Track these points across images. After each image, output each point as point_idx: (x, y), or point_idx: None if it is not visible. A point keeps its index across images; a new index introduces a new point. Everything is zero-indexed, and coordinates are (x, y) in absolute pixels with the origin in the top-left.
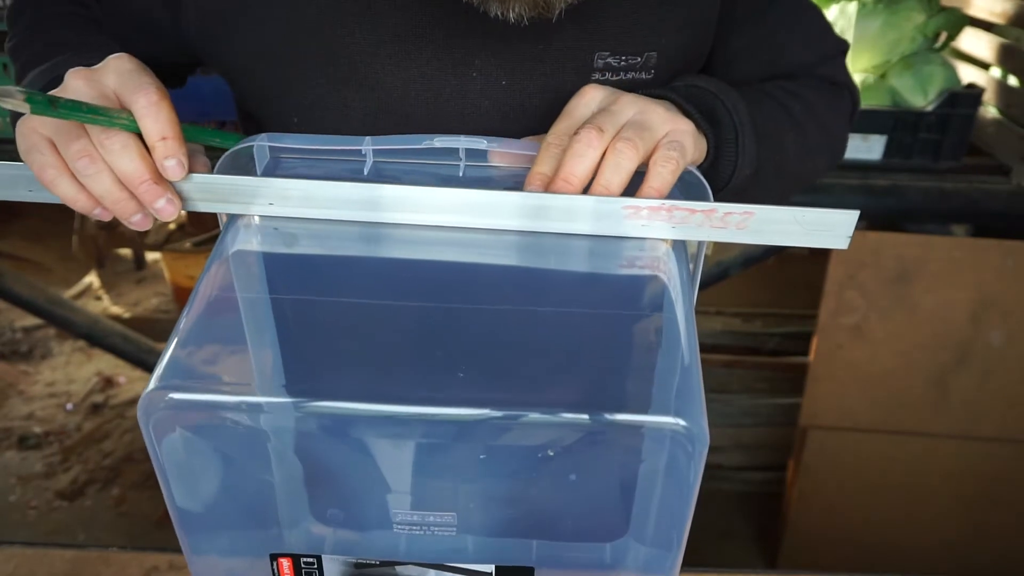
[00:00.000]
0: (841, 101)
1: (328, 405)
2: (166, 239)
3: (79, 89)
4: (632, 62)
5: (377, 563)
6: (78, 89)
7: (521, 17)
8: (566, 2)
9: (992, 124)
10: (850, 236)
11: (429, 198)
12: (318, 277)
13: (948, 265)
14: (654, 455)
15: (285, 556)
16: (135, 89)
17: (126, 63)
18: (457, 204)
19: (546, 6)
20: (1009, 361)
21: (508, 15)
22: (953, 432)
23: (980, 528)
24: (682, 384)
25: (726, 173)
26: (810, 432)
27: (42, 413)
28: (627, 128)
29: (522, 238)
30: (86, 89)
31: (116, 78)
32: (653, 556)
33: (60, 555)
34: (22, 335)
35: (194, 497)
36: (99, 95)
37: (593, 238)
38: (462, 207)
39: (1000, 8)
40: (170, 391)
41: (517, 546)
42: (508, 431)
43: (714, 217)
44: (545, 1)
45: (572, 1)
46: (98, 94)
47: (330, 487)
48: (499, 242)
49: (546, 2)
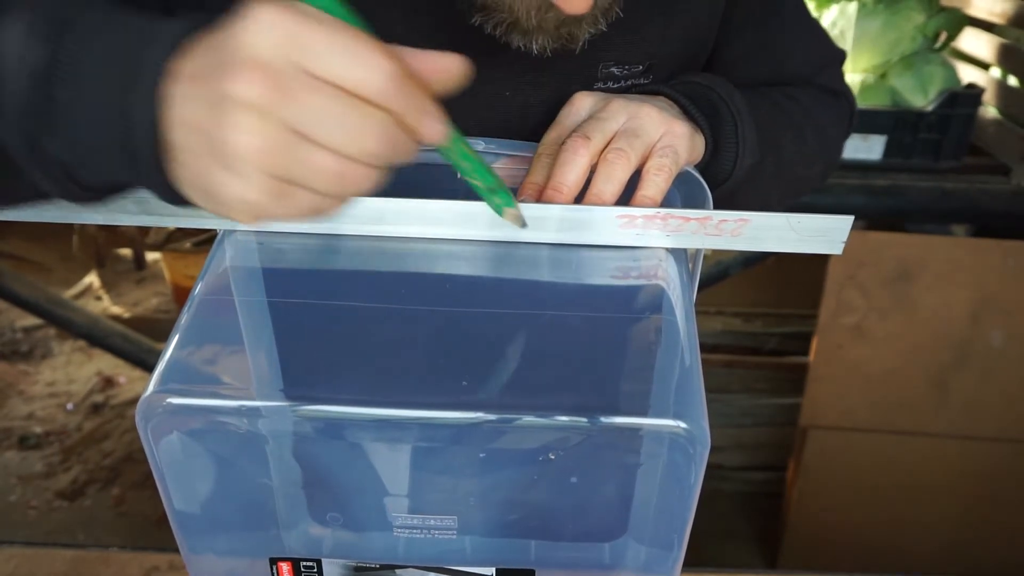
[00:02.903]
0: (838, 110)
1: (326, 409)
2: (166, 239)
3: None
4: (634, 70)
5: (377, 566)
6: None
7: (544, 49)
8: (590, 32)
9: (992, 124)
10: (844, 242)
11: (425, 210)
12: (315, 280)
13: (948, 265)
14: (655, 457)
15: (285, 560)
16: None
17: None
18: (453, 216)
19: (570, 38)
20: (1009, 361)
21: (531, 47)
22: (953, 432)
23: (980, 528)
24: (683, 386)
25: (728, 164)
26: (810, 432)
27: (42, 413)
28: (619, 137)
29: (517, 248)
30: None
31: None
32: (654, 557)
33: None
34: (22, 335)
35: (192, 500)
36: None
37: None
38: (458, 219)
39: (1000, 8)
40: (168, 395)
41: (517, 548)
42: (507, 434)
43: (709, 225)
44: (569, 33)
45: (595, 30)
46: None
47: (329, 490)
48: (494, 252)
49: (570, 34)
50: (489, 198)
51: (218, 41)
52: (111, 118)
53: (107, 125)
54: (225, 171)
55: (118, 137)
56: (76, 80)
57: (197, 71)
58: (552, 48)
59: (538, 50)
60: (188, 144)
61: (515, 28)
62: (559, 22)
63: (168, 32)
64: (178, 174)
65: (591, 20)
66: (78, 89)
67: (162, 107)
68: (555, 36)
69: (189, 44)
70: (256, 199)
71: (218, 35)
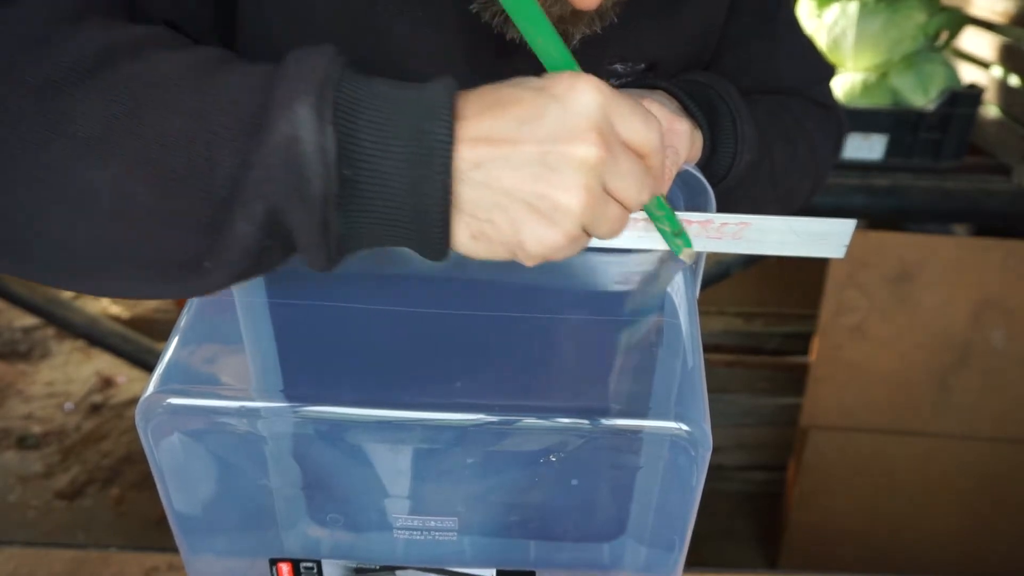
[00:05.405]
0: (829, 124)
1: (326, 410)
2: None
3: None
4: (637, 68)
5: (377, 568)
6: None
7: None
8: (584, 32)
9: (993, 124)
10: (846, 245)
11: None
12: (316, 281)
13: (949, 265)
14: (656, 459)
15: (285, 561)
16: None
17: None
18: None
19: (564, 36)
20: (1010, 361)
21: (525, 40)
22: (954, 432)
23: (981, 528)
24: (685, 388)
25: (726, 161)
26: (811, 432)
27: (41, 413)
28: None
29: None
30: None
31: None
32: (655, 557)
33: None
34: (21, 335)
35: (192, 500)
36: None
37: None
38: None
39: (1001, 7)
40: (168, 395)
41: (518, 548)
42: (509, 436)
43: (710, 228)
44: (564, 32)
45: (590, 31)
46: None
47: (329, 491)
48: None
49: (564, 33)
50: (671, 240)
51: (529, 106)
52: (402, 195)
53: (399, 201)
54: (542, 223)
55: (411, 210)
56: (361, 159)
57: (499, 135)
58: None
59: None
60: (494, 202)
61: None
62: (559, 17)
63: (441, 103)
64: (462, 229)
65: (588, 21)
66: (364, 167)
67: (453, 172)
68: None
69: (461, 108)
70: (561, 245)
71: (511, 97)
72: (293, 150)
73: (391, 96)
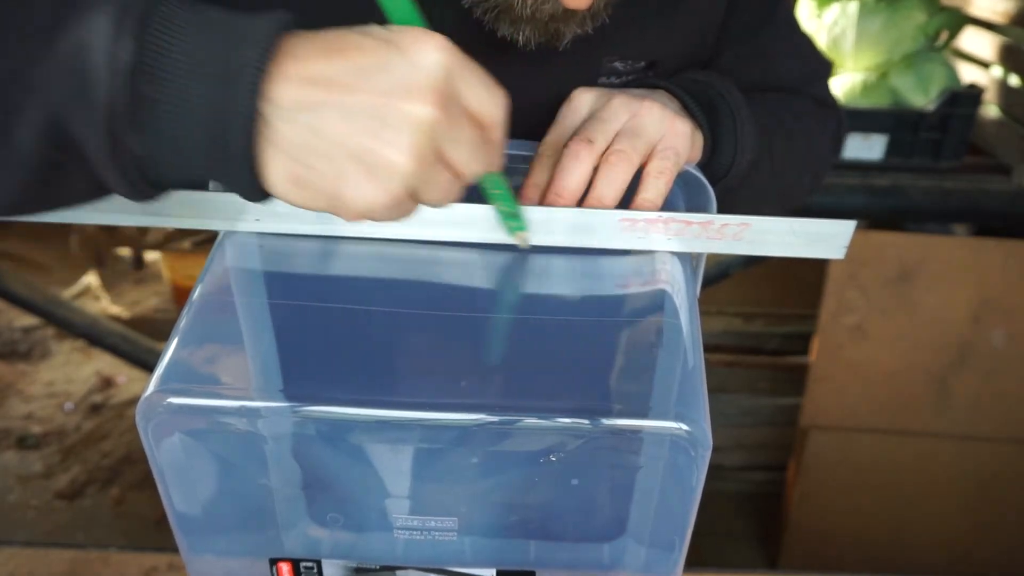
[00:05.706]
0: (828, 121)
1: (326, 410)
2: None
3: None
4: (636, 66)
5: (377, 567)
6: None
7: (529, 41)
8: (575, 32)
9: (993, 124)
10: (846, 246)
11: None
12: (316, 281)
13: (949, 265)
14: (656, 459)
15: (285, 560)
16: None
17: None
18: (454, 218)
19: (556, 35)
20: (1010, 361)
21: (517, 38)
22: (954, 432)
23: (981, 528)
24: (685, 388)
25: (726, 160)
26: (811, 432)
27: (41, 413)
28: (620, 137)
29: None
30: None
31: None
32: (655, 557)
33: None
34: (21, 335)
35: (192, 500)
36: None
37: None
38: (459, 221)
39: (1001, 7)
40: (168, 395)
41: (518, 548)
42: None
43: (711, 228)
44: (555, 31)
45: (582, 31)
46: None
47: (329, 491)
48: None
49: (556, 31)
50: (506, 221)
51: (370, 54)
52: (203, 117)
53: (199, 123)
54: (366, 177)
55: (210, 134)
56: (164, 77)
57: (334, 79)
58: (536, 43)
59: (523, 42)
60: (316, 147)
61: (505, 15)
62: (551, 16)
63: (262, 32)
64: (279, 170)
65: (580, 20)
66: (167, 86)
67: (265, 106)
68: (543, 30)
69: (291, 46)
70: (383, 204)
71: (353, 44)
72: (80, 56)
73: (213, 20)
